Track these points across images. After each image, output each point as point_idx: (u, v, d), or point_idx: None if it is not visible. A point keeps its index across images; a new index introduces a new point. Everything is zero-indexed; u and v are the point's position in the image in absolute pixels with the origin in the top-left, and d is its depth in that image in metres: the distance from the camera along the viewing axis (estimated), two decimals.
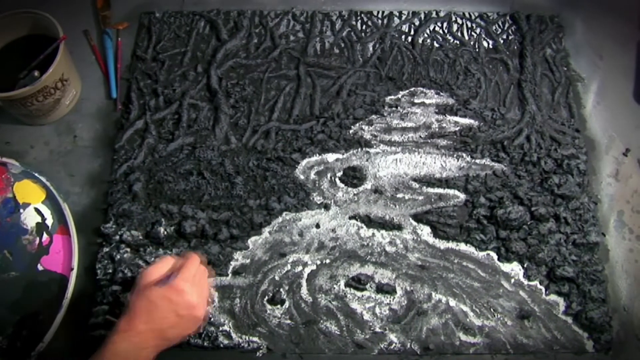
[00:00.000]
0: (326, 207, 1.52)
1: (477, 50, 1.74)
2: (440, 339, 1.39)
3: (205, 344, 1.39)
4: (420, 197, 1.53)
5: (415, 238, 1.49)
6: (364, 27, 1.77)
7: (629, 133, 1.64)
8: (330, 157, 1.57)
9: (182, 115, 1.62)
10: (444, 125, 1.62)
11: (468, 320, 1.41)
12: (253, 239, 1.49)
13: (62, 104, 1.62)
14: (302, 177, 1.55)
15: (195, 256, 1.32)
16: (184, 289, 1.23)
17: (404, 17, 1.79)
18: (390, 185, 1.54)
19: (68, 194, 1.53)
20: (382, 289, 1.43)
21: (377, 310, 1.42)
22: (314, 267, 1.46)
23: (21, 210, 1.43)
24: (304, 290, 1.43)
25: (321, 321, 1.40)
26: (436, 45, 1.75)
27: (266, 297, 1.43)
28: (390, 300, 1.43)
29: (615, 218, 1.54)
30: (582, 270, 1.44)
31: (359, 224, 1.51)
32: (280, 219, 1.51)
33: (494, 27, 1.77)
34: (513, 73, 1.70)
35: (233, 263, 1.46)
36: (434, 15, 1.79)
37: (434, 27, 1.77)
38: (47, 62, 1.51)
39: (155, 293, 1.22)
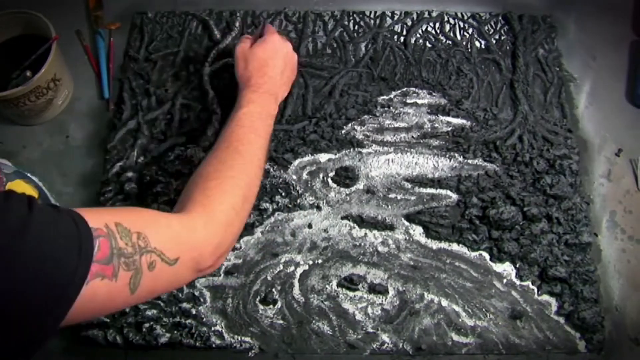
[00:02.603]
0: (318, 207, 1.52)
1: (469, 50, 1.74)
2: (432, 339, 1.39)
3: (198, 344, 1.39)
4: (413, 198, 1.53)
5: (407, 238, 1.49)
6: (356, 27, 1.77)
7: (621, 133, 1.64)
8: (323, 157, 1.57)
9: (175, 116, 1.62)
10: (437, 125, 1.62)
11: (460, 320, 1.41)
12: (245, 239, 1.49)
13: (54, 104, 1.62)
14: (294, 177, 1.54)
15: (269, 24, 1.63)
16: (277, 39, 1.52)
17: (396, 17, 1.79)
18: (382, 185, 1.54)
19: (60, 194, 1.52)
20: (374, 289, 1.43)
21: (370, 310, 1.42)
22: (306, 267, 1.46)
23: None
24: (296, 291, 1.43)
25: (313, 321, 1.40)
26: (428, 45, 1.75)
27: (258, 297, 1.43)
28: (382, 301, 1.43)
29: (607, 218, 1.54)
30: (574, 270, 1.44)
31: (351, 224, 1.51)
32: (272, 219, 1.51)
33: (486, 28, 1.77)
34: (505, 73, 1.70)
35: (225, 263, 1.46)
36: (426, 15, 1.79)
37: (427, 27, 1.77)
38: (40, 62, 1.51)
39: (260, 50, 1.49)
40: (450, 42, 1.75)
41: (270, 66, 1.47)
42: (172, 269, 1.02)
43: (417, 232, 1.50)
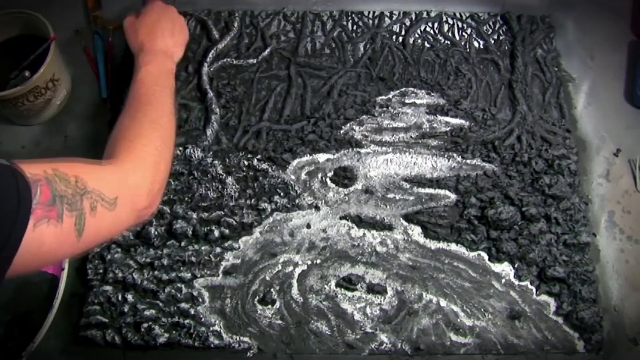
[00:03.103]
0: (317, 207, 1.52)
1: (468, 50, 1.74)
2: (430, 339, 1.39)
3: (196, 344, 1.39)
4: (411, 198, 1.53)
5: (406, 238, 1.49)
6: (354, 27, 1.77)
7: (620, 133, 1.64)
8: (321, 157, 1.57)
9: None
10: (435, 125, 1.62)
11: (459, 320, 1.41)
12: (244, 239, 1.49)
13: (52, 104, 1.62)
14: (292, 177, 1.54)
15: None
16: (160, 5, 1.59)
17: (394, 18, 1.79)
18: (381, 185, 1.54)
19: None
20: (372, 289, 1.43)
21: (368, 310, 1.42)
22: (305, 268, 1.46)
23: None
24: (294, 291, 1.44)
25: (312, 321, 1.40)
26: (427, 45, 1.75)
27: (257, 298, 1.43)
28: (381, 301, 1.43)
29: (606, 218, 1.54)
30: (572, 270, 1.45)
31: (350, 224, 1.51)
32: (271, 219, 1.51)
33: (484, 28, 1.77)
34: (504, 73, 1.70)
35: (224, 263, 1.46)
36: (424, 15, 1.79)
37: (425, 27, 1.77)
38: (38, 62, 1.51)
39: (146, 17, 1.55)
40: (448, 42, 1.75)
41: (159, 29, 1.54)
42: (113, 213, 1.05)
43: (416, 232, 1.50)
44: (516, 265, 1.46)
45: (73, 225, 0.94)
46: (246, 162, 1.54)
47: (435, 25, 1.78)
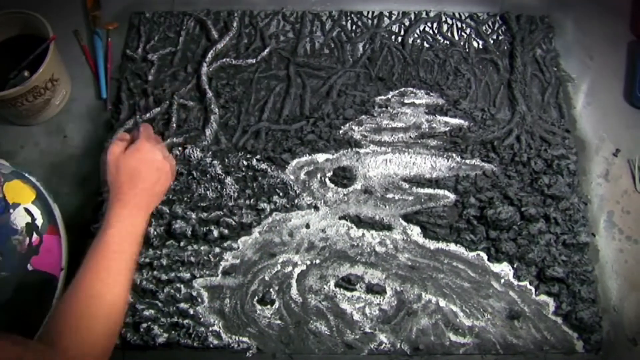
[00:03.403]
0: (316, 207, 1.52)
1: (467, 50, 1.74)
2: (430, 339, 1.39)
3: (195, 344, 1.39)
4: (410, 198, 1.53)
5: (405, 238, 1.49)
6: (354, 27, 1.77)
7: (619, 133, 1.64)
8: (320, 157, 1.57)
9: (172, 116, 1.62)
10: (434, 125, 1.62)
11: (458, 320, 1.41)
12: (243, 239, 1.49)
13: (52, 104, 1.62)
14: (292, 177, 1.54)
15: (146, 124, 1.54)
16: (149, 147, 1.43)
17: (394, 18, 1.79)
18: (380, 185, 1.54)
19: (58, 194, 1.52)
20: (372, 289, 1.43)
21: (367, 310, 1.42)
22: (304, 268, 1.46)
23: (11, 211, 1.42)
24: (293, 291, 1.43)
25: (311, 321, 1.40)
26: (426, 45, 1.75)
27: (256, 298, 1.43)
28: (380, 301, 1.43)
29: (605, 218, 1.54)
30: (572, 270, 1.44)
31: (349, 224, 1.51)
32: (270, 219, 1.51)
33: (484, 28, 1.78)
34: (503, 73, 1.70)
35: (223, 263, 1.46)
36: (424, 15, 1.79)
37: (424, 27, 1.77)
38: (37, 62, 1.51)
39: (131, 159, 1.40)
40: (447, 42, 1.76)
41: (142, 176, 1.40)
42: None
43: (415, 232, 1.50)
44: (515, 265, 1.46)
45: None
46: (245, 162, 1.54)
47: (435, 25, 1.78)
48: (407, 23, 1.78)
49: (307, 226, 1.50)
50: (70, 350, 1.14)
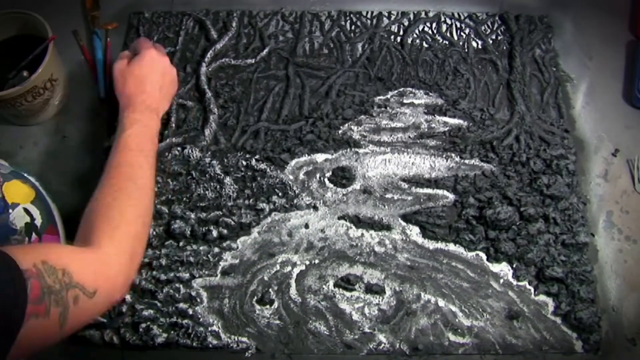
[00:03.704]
0: (315, 207, 1.52)
1: (466, 50, 1.74)
2: (429, 339, 1.39)
3: (194, 344, 1.38)
4: (409, 198, 1.53)
5: (404, 238, 1.49)
6: (353, 27, 1.77)
7: (618, 133, 1.64)
8: (319, 157, 1.57)
9: (171, 116, 1.62)
10: (433, 125, 1.62)
11: (457, 320, 1.41)
12: (242, 239, 1.49)
13: (51, 104, 1.62)
14: (291, 177, 1.54)
15: (144, 38, 1.63)
16: (152, 55, 1.53)
17: (393, 18, 1.79)
18: (379, 185, 1.54)
19: (57, 194, 1.52)
20: (371, 289, 1.43)
21: (366, 310, 1.42)
22: (303, 268, 1.46)
23: (10, 211, 1.41)
24: (293, 291, 1.43)
25: (310, 321, 1.40)
26: (425, 45, 1.75)
27: (255, 298, 1.43)
28: (379, 301, 1.43)
29: (604, 218, 1.54)
30: (571, 270, 1.44)
31: (348, 224, 1.51)
32: (269, 219, 1.51)
33: (483, 28, 1.78)
34: (502, 73, 1.70)
35: (222, 263, 1.46)
36: (423, 15, 1.79)
37: (423, 27, 1.77)
38: (36, 62, 1.51)
39: (135, 67, 1.50)
40: (447, 42, 1.76)
41: (148, 82, 1.49)
42: (92, 302, 1.06)
43: (414, 232, 1.50)
44: (514, 266, 1.46)
45: (57, 318, 0.96)
46: (244, 162, 1.54)
47: (434, 25, 1.78)
48: (406, 23, 1.78)
49: (306, 226, 1.50)
50: (104, 243, 1.16)
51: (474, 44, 1.76)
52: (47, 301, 0.93)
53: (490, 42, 1.75)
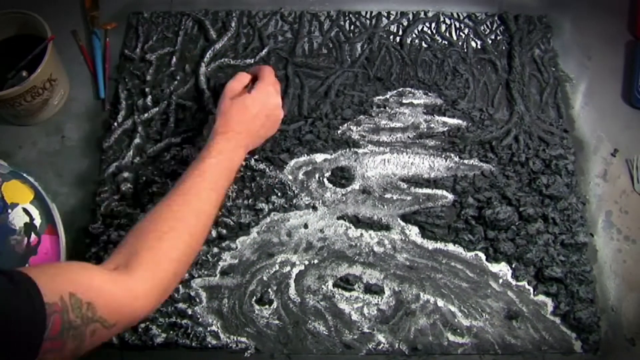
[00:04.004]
0: (314, 207, 1.52)
1: (465, 50, 1.74)
2: (428, 339, 1.39)
3: (194, 344, 1.39)
4: (409, 198, 1.53)
5: (403, 238, 1.49)
6: (352, 27, 1.77)
7: (617, 133, 1.64)
8: (319, 157, 1.57)
9: (170, 116, 1.62)
10: (432, 125, 1.62)
11: (456, 320, 1.41)
12: (241, 239, 1.49)
13: (50, 104, 1.62)
14: (290, 177, 1.54)
15: (270, 67, 1.55)
16: (270, 92, 1.49)
17: (392, 18, 1.79)
18: (378, 185, 1.54)
19: (56, 194, 1.52)
20: (370, 289, 1.43)
21: (365, 310, 1.42)
22: (302, 268, 1.46)
23: (9, 211, 1.42)
24: (292, 291, 1.43)
25: (309, 321, 1.40)
26: (424, 45, 1.75)
27: (254, 298, 1.42)
28: (378, 301, 1.43)
29: (603, 218, 1.54)
30: (570, 270, 1.44)
31: (347, 224, 1.51)
32: (268, 220, 1.51)
33: (482, 28, 1.78)
34: (501, 73, 1.70)
35: (221, 263, 1.46)
36: (422, 15, 1.79)
37: (422, 27, 1.77)
38: (36, 62, 1.51)
39: (249, 100, 1.45)
40: (446, 42, 1.76)
41: (253, 118, 1.45)
42: (108, 332, 1.05)
43: (413, 232, 1.50)
44: (513, 266, 1.46)
45: (72, 350, 0.95)
46: (243, 162, 1.54)
47: (433, 25, 1.78)
48: (405, 23, 1.78)
49: (306, 226, 1.50)
50: (140, 275, 1.13)
51: (473, 44, 1.76)
52: (66, 337, 0.92)
53: (490, 42, 1.75)
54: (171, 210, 1.24)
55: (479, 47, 1.75)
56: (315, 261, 1.47)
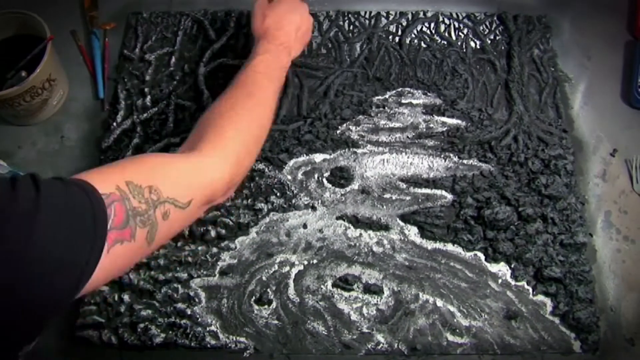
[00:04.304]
0: (313, 207, 1.52)
1: (464, 50, 1.74)
2: (427, 339, 1.39)
3: (192, 344, 1.38)
4: (408, 198, 1.53)
5: (402, 238, 1.49)
6: (351, 27, 1.77)
7: (616, 133, 1.64)
8: (318, 157, 1.57)
9: (169, 116, 1.62)
10: (432, 125, 1.62)
11: (455, 320, 1.41)
12: (240, 239, 1.49)
13: (49, 104, 1.62)
14: (289, 177, 1.54)
15: None
16: (295, 2, 1.56)
17: (391, 18, 1.79)
18: (377, 185, 1.54)
19: None
20: (369, 289, 1.43)
21: (365, 310, 1.42)
22: (301, 268, 1.46)
23: None
24: (291, 291, 1.43)
25: (308, 321, 1.40)
26: (423, 45, 1.75)
27: (253, 298, 1.42)
28: (377, 301, 1.43)
29: (602, 218, 1.54)
30: (569, 270, 1.44)
31: (346, 224, 1.51)
32: (267, 220, 1.51)
33: (481, 28, 1.78)
34: (500, 73, 1.70)
35: (220, 263, 1.46)
36: (421, 15, 1.79)
37: (422, 27, 1.77)
38: (35, 63, 1.51)
39: (277, 5, 1.52)
40: (445, 42, 1.76)
41: (287, 20, 1.50)
42: (186, 212, 1.06)
43: (412, 232, 1.50)
44: (513, 266, 1.46)
45: (145, 238, 0.96)
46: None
47: (432, 25, 1.78)
48: (404, 23, 1.78)
49: (305, 226, 1.50)
50: (206, 149, 1.15)
51: (472, 44, 1.76)
52: (132, 225, 0.92)
53: (489, 42, 1.76)
54: (228, 97, 1.31)
55: (478, 47, 1.75)
56: (314, 261, 1.47)
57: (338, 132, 1.60)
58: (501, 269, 1.46)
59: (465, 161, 1.57)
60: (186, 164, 1.11)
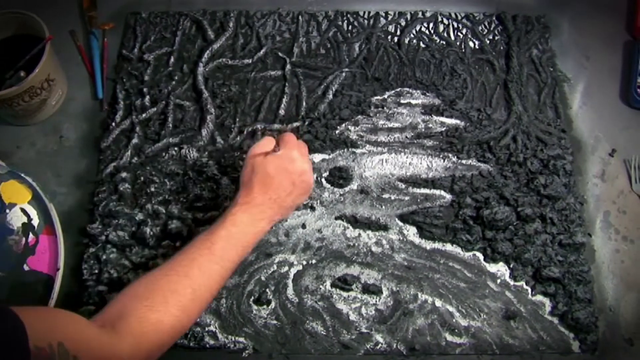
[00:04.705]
0: (312, 207, 1.52)
1: (463, 50, 1.74)
2: (426, 339, 1.39)
3: (191, 344, 1.38)
4: (407, 198, 1.53)
5: (401, 238, 1.49)
6: (350, 27, 1.77)
7: (615, 134, 1.64)
8: (317, 157, 1.57)
9: (168, 116, 1.62)
10: (430, 125, 1.62)
11: (454, 320, 1.41)
12: None
13: (48, 104, 1.62)
14: None
15: (289, 132, 1.45)
16: (295, 157, 1.36)
17: (390, 18, 1.79)
18: (376, 185, 1.54)
19: (54, 194, 1.52)
20: (368, 289, 1.43)
21: (363, 310, 1.42)
22: (300, 268, 1.46)
23: (7, 211, 1.42)
24: (290, 291, 1.43)
25: (307, 321, 1.40)
26: (422, 45, 1.75)
27: (252, 298, 1.42)
28: (376, 301, 1.43)
29: (601, 219, 1.54)
30: (568, 270, 1.44)
31: (345, 224, 1.51)
32: None
33: (480, 28, 1.78)
34: (499, 73, 1.70)
35: None
36: (420, 15, 1.79)
37: (420, 27, 1.77)
38: (33, 63, 1.50)
39: (270, 164, 1.33)
40: (444, 43, 1.76)
41: (275, 186, 1.33)
42: None
43: (411, 232, 1.50)
44: (511, 266, 1.46)
45: None
46: (241, 163, 1.53)
47: (431, 25, 1.78)
48: (403, 23, 1.78)
49: (303, 226, 1.50)
50: (128, 338, 1.09)
51: (471, 44, 1.76)
52: None
53: (488, 42, 1.76)
54: (169, 280, 1.19)
55: (476, 47, 1.75)
56: (313, 261, 1.47)
57: (337, 132, 1.60)
58: (500, 269, 1.46)
59: (464, 161, 1.57)
60: (105, 348, 1.05)
